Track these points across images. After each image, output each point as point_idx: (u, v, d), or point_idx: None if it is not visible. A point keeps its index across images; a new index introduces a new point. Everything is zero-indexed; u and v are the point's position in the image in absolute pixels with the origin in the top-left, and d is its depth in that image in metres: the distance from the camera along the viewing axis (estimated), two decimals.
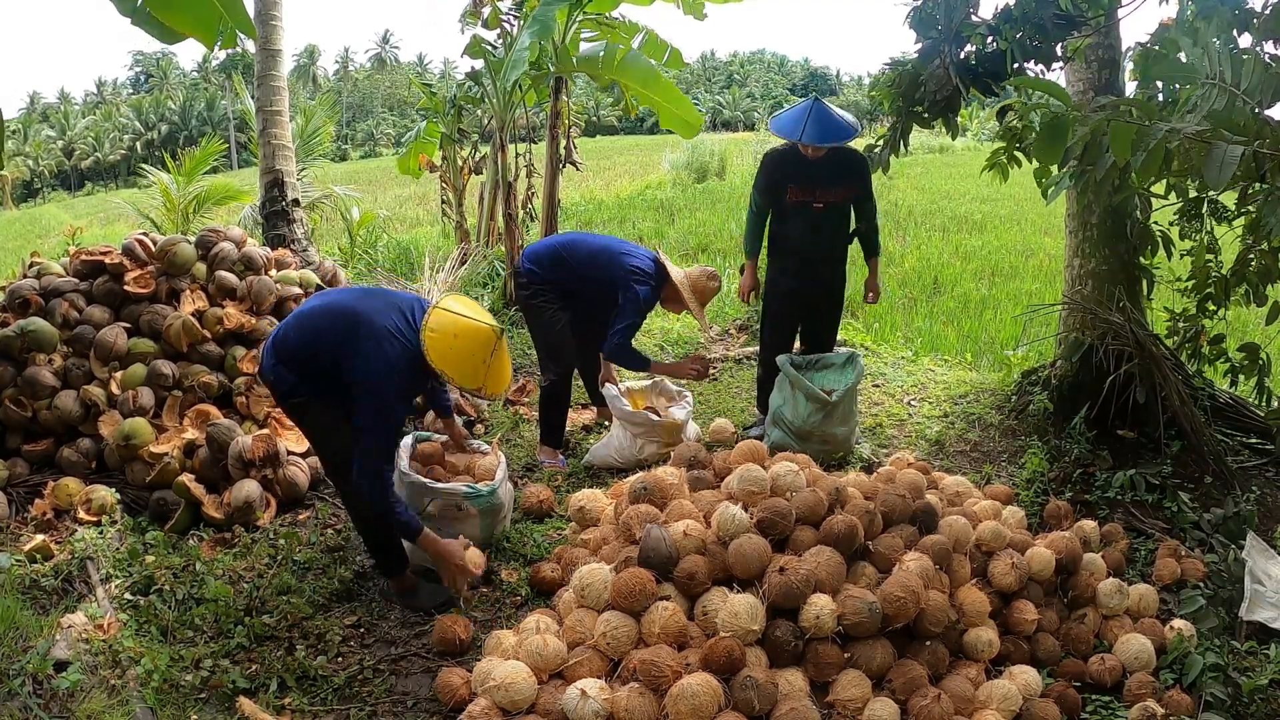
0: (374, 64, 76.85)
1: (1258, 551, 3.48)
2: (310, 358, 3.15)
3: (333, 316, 3.17)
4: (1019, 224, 12.85)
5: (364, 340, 3.03)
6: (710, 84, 76.13)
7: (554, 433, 4.65)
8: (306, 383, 3.17)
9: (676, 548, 2.97)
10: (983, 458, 4.61)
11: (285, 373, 3.18)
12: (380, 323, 3.07)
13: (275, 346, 3.22)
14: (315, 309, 3.27)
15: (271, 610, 3.21)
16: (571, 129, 7.49)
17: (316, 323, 3.19)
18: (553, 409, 4.60)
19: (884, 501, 3.21)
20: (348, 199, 11.02)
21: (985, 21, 3.29)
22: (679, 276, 4.51)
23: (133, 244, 4.62)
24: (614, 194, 17.89)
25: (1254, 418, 4.53)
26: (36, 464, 4.14)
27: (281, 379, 3.19)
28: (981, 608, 3.02)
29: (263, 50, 7.19)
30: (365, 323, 3.07)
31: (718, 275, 4.71)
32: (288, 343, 3.19)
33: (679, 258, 10.70)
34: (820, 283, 4.65)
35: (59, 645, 2.88)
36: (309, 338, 3.17)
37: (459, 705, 2.74)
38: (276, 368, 3.19)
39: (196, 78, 67.29)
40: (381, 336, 3.03)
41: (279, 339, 3.23)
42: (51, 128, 58.39)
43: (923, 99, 3.59)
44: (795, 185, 4.48)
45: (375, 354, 3.01)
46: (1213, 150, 2.25)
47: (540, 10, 6.24)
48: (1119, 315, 4.16)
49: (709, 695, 2.53)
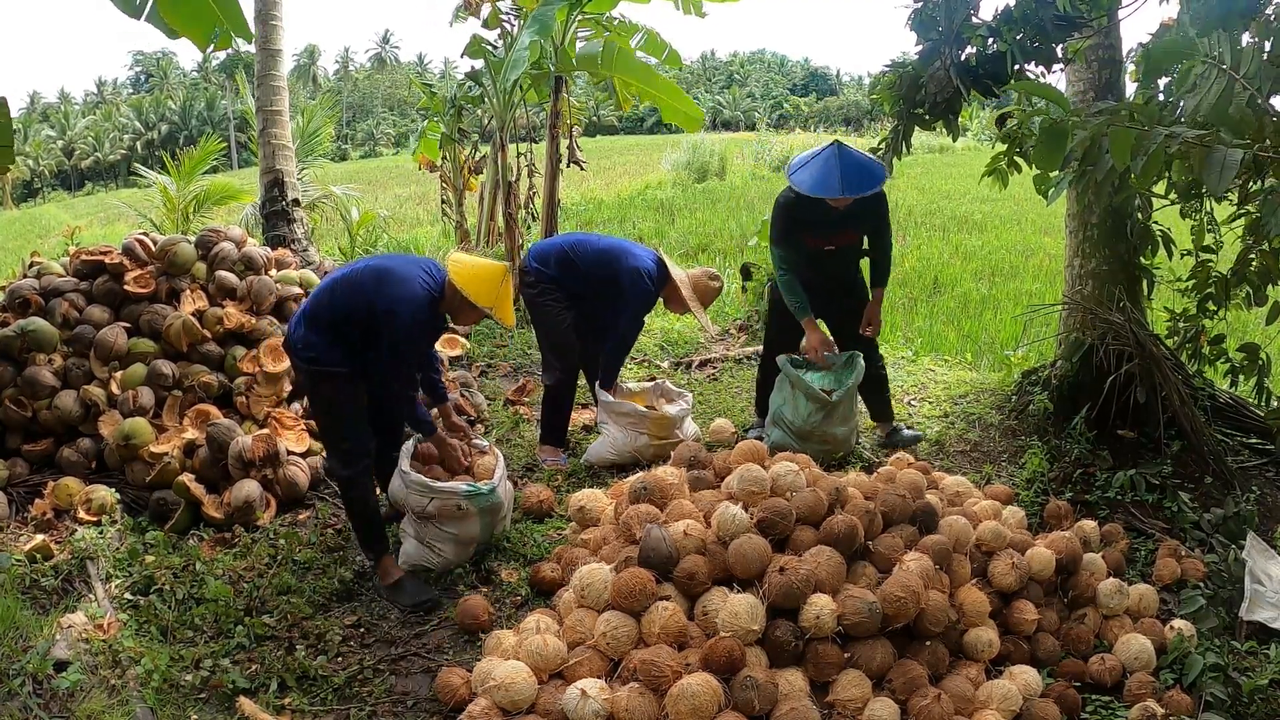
0: (374, 64, 76.83)
1: (1258, 551, 3.48)
2: (344, 319, 3.36)
3: (364, 272, 3.45)
4: (1019, 224, 12.84)
5: (394, 284, 3.36)
6: (710, 84, 76.06)
7: (555, 432, 4.65)
8: (335, 350, 3.35)
9: (676, 548, 2.97)
10: (983, 458, 4.61)
11: (315, 338, 3.35)
12: (407, 269, 3.44)
13: (308, 315, 3.41)
14: (346, 273, 3.50)
15: (271, 610, 3.21)
16: (573, 129, 7.49)
17: (350, 280, 3.43)
18: (555, 409, 4.60)
19: (884, 501, 3.21)
20: (348, 199, 11.02)
21: (985, 23, 3.29)
22: (680, 277, 4.50)
23: (133, 244, 4.62)
24: (614, 194, 17.89)
25: (1254, 418, 4.53)
26: (36, 464, 4.15)
27: (310, 345, 3.36)
28: (981, 608, 3.02)
29: (263, 50, 7.19)
30: (394, 269, 3.43)
31: (719, 276, 4.67)
32: (320, 308, 3.40)
33: (679, 257, 10.70)
34: (834, 296, 4.55)
35: (59, 645, 2.89)
36: (343, 297, 3.39)
37: (459, 705, 2.74)
38: (307, 335, 3.37)
39: (196, 78, 67.27)
40: (409, 277, 3.39)
41: (312, 307, 3.43)
42: (51, 128, 58.34)
43: (923, 100, 3.59)
44: (812, 235, 4.33)
45: (403, 290, 3.34)
46: (1212, 154, 2.25)
47: (540, 10, 6.24)
48: (1119, 315, 4.16)
49: (709, 695, 2.53)
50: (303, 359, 3.40)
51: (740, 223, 12.82)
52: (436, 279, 3.48)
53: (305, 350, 3.38)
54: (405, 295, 3.33)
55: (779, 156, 21.92)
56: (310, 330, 3.38)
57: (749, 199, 15.57)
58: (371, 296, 3.33)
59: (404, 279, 3.38)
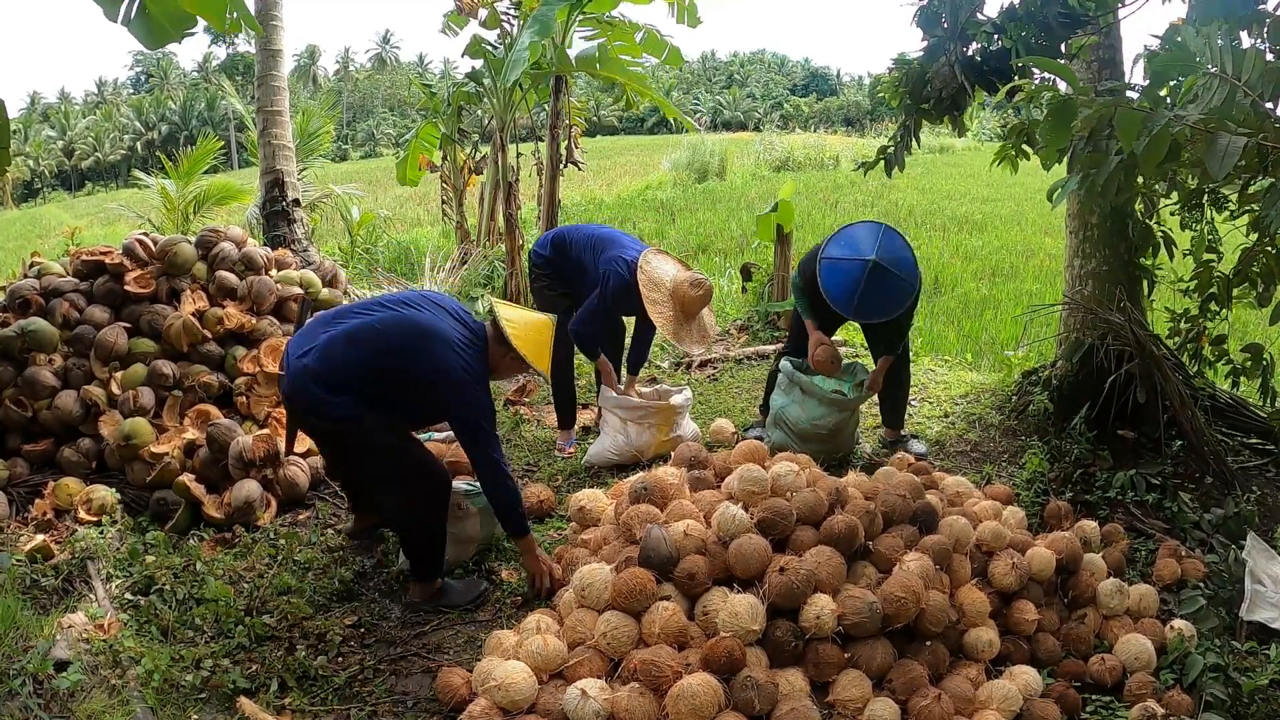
0: (374, 64, 76.81)
1: (1258, 551, 3.48)
2: (374, 377, 3.06)
3: (392, 331, 3.12)
4: (1019, 224, 12.85)
5: (436, 346, 3.09)
6: (710, 84, 76.05)
7: (560, 411, 4.79)
8: (362, 405, 3.06)
9: (677, 548, 2.97)
10: (983, 458, 4.61)
11: (338, 399, 3.03)
12: (443, 327, 3.17)
13: (321, 377, 3.03)
14: (363, 328, 3.13)
15: (271, 610, 3.21)
16: (573, 129, 7.50)
17: (376, 341, 3.10)
18: (555, 388, 4.73)
19: (884, 501, 3.21)
20: (348, 199, 11.02)
21: (990, 19, 3.29)
22: (653, 277, 4.24)
23: (133, 244, 4.62)
24: (615, 194, 17.90)
25: (1254, 418, 4.52)
26: (37, 464, 4.14)
27: (335, 406, 3.03)
28: (981, 608, 3.02)
29: (263, 50, 7.19)
30: (430, 329, 3.13)
31: (704, 283, 4.30)
32: (335, 369, 3.04)
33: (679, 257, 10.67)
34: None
35: (59, 645, 2.88)
36: (369, 355, 3.07)
37: (459, 705, 2.74)
38: (326, 398, 3.03)
39: (196, 78, 67.26)
40: (452, 341, 3.13)
41: (324, 369, 3.04)
42: (52, 128, 58.34)
43: (929, 97, 3.59)
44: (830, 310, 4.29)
45: (449, 357, 3.10)
46: (1215, 140, 2.24)
47: (540, 10, 6.25)
48: (1119, 315, 4.16)
49: (709, 695, 2.53)
50: (331, 419, 3.06)
51: (741, 223, 12.83)
52: (470, 323, 3.28)
53: (331, 411, 3.03)
54: (455, 364, 3.08)
55: (779, 157, 21.95)
56: (329, 391, 3.03)
57: (749, 199, 15.58)
58: (404, 365, 3.06)
59: (446, 340, 3.10)
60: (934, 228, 12.63)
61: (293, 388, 3.10)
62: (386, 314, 3.19)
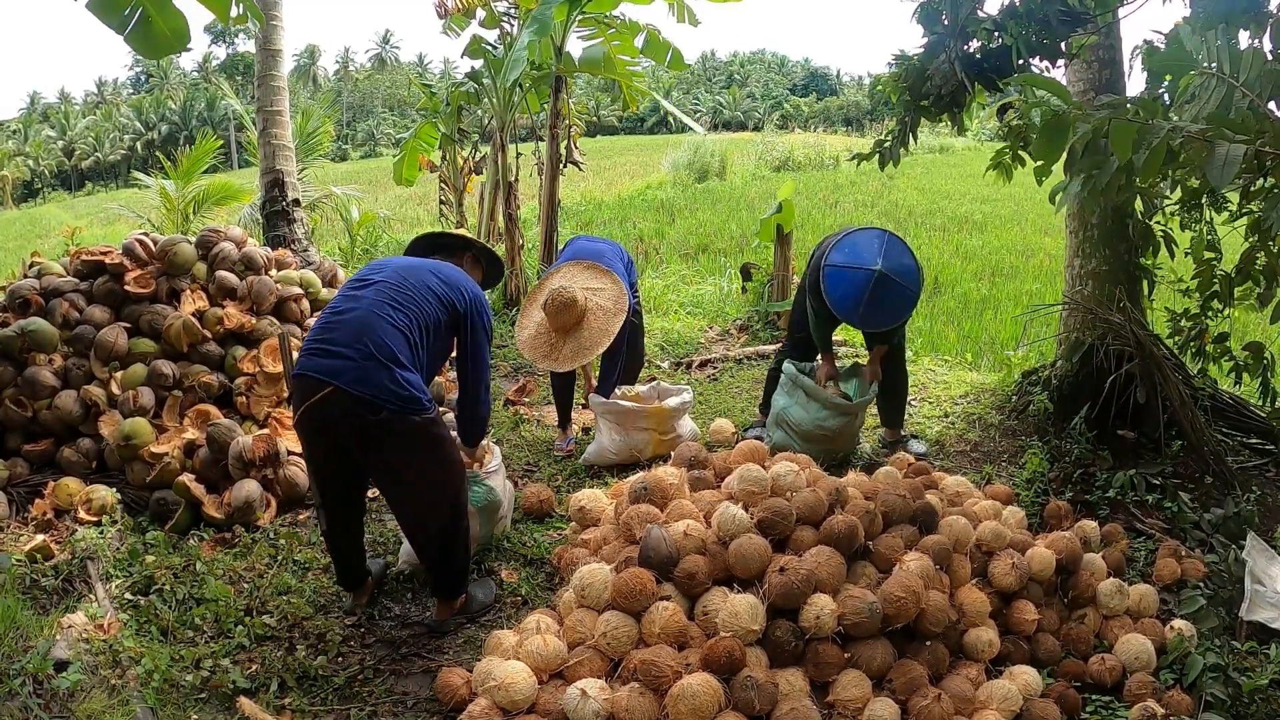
0: (374, 64, 76.80)
1: (1258, 551, 3.48)
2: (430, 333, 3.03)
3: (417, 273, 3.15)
4: (1019, 224, 12.85)
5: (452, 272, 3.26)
6: (710, 84, 76.04)
7: (558, 409, 4.90)
8: (425, 384, 2.97)
9: (677, 548, 2.97)
10: (983, 458, 4.61)
11: (413, 376, 2.89)
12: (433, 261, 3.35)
13: (391, 359, 2.84)
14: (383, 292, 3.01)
15: (271, 610, 3.21)
16: (573, 129, 7.50)
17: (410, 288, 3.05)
18: (553, 388, 4.89)
19: (884, 501, 3.21)
20: (348, 199, 11.03)
21: (991, 17, 3.28)
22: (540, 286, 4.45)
23: (133, 244, 4.62)
24: (614, 194, 17.90)
25: (1254, 418, 4.52)
26: (36, 464, 4.14)
27: (412, 386, 2.86)
28: (981, 608, 3.02)
29: (263, 50, 7.20)
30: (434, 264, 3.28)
31: (563, 293, 4.21)
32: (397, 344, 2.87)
33: (679, 258, 10.69)
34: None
35: (59, 645, 2.88)
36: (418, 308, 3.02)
37: (459, 705, 2.74)
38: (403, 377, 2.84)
39: (196, 78, 67.24)
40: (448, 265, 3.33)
41: (392, 347, 2.86)
42: (51, 128, 58.34)
43: (929, 94, 3.58)
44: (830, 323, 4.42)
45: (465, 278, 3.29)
46: (1215, 150, 2.24)
47: (539, 10, 6.24)
48: (1119, 315, 4.16)
49: (709, 695, 2.53)
50: (408, 411, 2.82)
51: (740, 223, 12.83)
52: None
53: (404, 394, 2.81)
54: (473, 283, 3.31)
55: (779, 157, 21.94)
56: (405, 369, 2.84)
57: (749, 199, 15.58)
58: (453, 293, 3.12)
59: (449, 267, 3.28)
60: (934, 227, 12.63)
61: (360, 383, 2.78)
62: (388, 274, 3.10)
